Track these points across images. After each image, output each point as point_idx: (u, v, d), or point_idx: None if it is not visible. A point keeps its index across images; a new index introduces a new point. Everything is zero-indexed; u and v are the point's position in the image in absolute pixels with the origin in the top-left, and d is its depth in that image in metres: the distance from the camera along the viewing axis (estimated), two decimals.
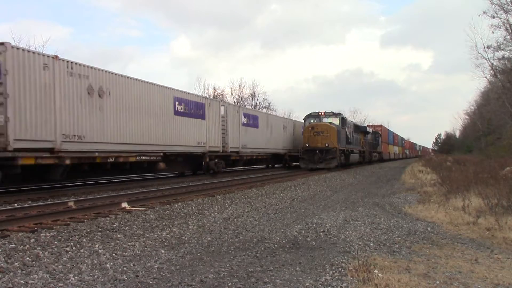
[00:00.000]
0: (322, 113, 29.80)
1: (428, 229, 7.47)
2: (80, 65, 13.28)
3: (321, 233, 6.99)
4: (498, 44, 31.73)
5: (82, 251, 5.72)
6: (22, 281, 4.39)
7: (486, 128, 49.00)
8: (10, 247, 5.80)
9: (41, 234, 6.65)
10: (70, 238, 6.45)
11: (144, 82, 16.45)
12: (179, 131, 18.30)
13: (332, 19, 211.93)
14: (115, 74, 14.88)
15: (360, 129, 37.34)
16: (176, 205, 10.35)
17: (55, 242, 6.15)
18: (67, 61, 12.85)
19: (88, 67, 13.59)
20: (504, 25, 31.03)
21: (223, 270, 4.89)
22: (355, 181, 19.84)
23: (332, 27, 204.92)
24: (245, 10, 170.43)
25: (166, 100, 17.60)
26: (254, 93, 59.92)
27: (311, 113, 30.62)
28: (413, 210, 9.71)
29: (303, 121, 31.25)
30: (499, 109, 40.77)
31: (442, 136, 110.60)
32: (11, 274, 4.64)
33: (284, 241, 6.43)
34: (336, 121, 29.14)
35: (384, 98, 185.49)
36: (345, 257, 5.47)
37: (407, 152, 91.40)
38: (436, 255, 5.64)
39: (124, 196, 11.79)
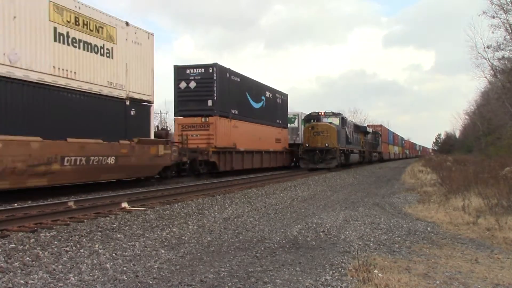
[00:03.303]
0: (322, 113, 29.79)
1: (428, 229, 7.47)
2: None
3: (321, 233, 6.98)
4: (498, 44, 31.70)
5: (82, 251, 5.72)
6: (22, 281, 4.39)
7: (486, 128, 48.92)
8: (10, 247, 5.80)
9: (41, 234, 6.65)
10: (70, 238, 6.45)
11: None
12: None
13: (335, 20, 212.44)
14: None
15: (360, 129, 37.33)
16: (176, 205, 10.35)
17: (55, 242, 6.15)
18: None
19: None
20: (504, 25, 31.00)
21: (223, 270, 4.89)
22: (355, 181, 19.83)
23: (335, 28, 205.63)
24: (250, 11, 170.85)
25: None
26: None
27: (311, 113, 30.61)
28: (413, 210, 9.71)
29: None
30: (499, 109, 40.74)
31: (442, 136, 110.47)
32: (11, 274, 4.64)
33: (284, 241, 6.43)
34: (336, 121, 29.12)
35: (386, 98, 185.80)
36: (345, 257, 5.47)
37: (407, 152, 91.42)
38: (436, 255, 5.64)
39: (124, 196, 11.79)
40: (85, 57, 12.65)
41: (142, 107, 15.16)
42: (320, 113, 29.85)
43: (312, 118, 29.51)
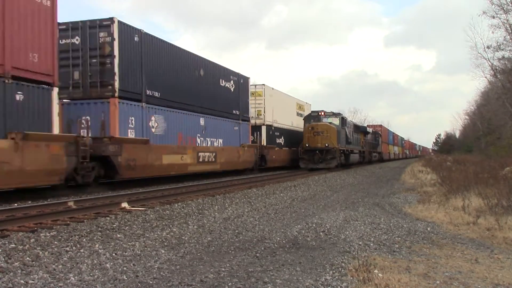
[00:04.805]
0: (322, 113, 29.80)
1: (428, 229, 7.47)
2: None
3: (321, 233, 6.98)
4: (498, 44, 31.75)
5: (82, 251, 5.72)
6: (22, 281, 4.39)
7: (486, 128, 48.93)
8: (10, 247, 5.80)
9: (41, 234, 6.65)
10: (70, 238, 6.45)
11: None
12: None
13: (336, 20, 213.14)
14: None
15: (360, 129, 37.37)
16: (176, 205, 10.35)
17: (55, 242, 6.15)
18: None
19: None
20: (504, 25, 31.07)
21: (223, 270, 4.89)
22: (355, 181, 19.84)
23: (336, 28, 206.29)
24: (252, 11, 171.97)
25: None
26: None
27: (311, 113, 30.64)
28: (413, 210, 9.71)
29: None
30: (499, 109, 40.78)
31: (442, 136, 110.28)
32: (11, 274, 4.64)
33: (284, 241, 6.43)
34: (336, 121, 29.14)
35: (386, 98, 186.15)
36: (345, 257, 5.47)
37: (407, 152, 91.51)
38: (436, 255, 5.64)
39: (124, 196, 11.79)
40: (298, 119, 32.98)
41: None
42: (320, 113, 29.87)
43: (312, 118, 29.52)
